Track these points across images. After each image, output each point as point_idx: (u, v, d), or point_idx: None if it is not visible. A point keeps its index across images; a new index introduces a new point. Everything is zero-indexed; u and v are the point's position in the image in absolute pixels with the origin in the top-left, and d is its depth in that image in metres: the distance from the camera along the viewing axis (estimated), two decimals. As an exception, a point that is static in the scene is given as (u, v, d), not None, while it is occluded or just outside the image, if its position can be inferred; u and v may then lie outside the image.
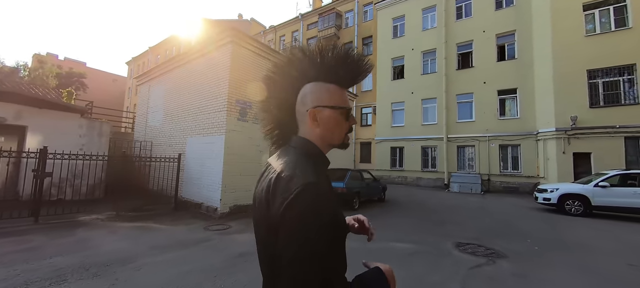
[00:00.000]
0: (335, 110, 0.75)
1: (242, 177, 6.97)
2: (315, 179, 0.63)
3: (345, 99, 0.78)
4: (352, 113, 0.80)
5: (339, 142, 0.79)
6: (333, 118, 0.75)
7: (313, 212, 0.59)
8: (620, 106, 11.51)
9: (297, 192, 0.59)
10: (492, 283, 3.32)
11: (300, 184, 0.60)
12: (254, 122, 7.36)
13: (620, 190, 7.60)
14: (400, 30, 19.51)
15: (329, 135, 0.76)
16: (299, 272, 0.56)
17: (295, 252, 0.57)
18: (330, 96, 0.76)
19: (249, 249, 4.30)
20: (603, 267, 3.95)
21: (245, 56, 7.07)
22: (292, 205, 0.59)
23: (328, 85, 0.77)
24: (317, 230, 0.58)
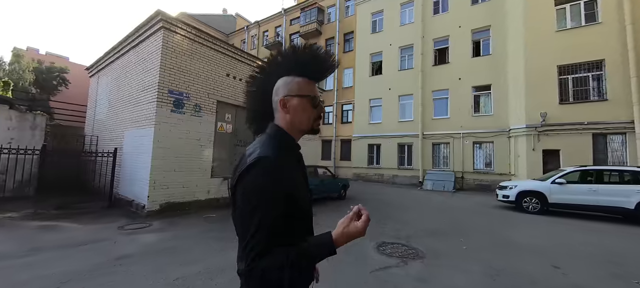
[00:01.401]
0: (302, 99, 0.87)
1: (177, 173, 6.55)
2: (272, 154, 0.77)
3: (313, 90, 0.90)
4: (320, 101, 0.92)
5: (308, 127, 0.90)
6: (301, 105, 0.87)
7: (262, 180, 0.73)
8: (589, 102, 11.33)
9: (251, 162, 0.75)
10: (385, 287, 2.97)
11: (255, 157, 0.76)
12: (193, 115, 6.92)
13: (576, 187, 7.36)
14: (379, 25, 19.16)
15: (297, 121, 0.88)
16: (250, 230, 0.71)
17: (248, 212, 0.73)
18: (299, 87, 0.88)
19: (139, 251, 3.89)
20: (522, 269, 3.64)
21: (180, 43, 6.62)
22: (245, 173, 0.75)
23: (298, 78, 0.90)
24: (263, 194, 0.72)
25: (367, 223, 0.80)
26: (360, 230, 0.79)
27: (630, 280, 3.34)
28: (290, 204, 0.76)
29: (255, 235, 0.70)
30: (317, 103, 0.90)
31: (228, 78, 7.86)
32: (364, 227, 0.79)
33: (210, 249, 4.03)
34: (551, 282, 3.28)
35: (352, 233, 0.79)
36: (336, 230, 0.80)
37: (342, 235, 0.78)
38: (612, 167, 7.52)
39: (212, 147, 7.36)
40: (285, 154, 0.82)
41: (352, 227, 0.79)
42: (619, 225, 6.61)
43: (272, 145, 0.81)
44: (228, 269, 3.32)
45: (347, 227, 0.79)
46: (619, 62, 10.80)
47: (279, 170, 0.75)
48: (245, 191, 0.73)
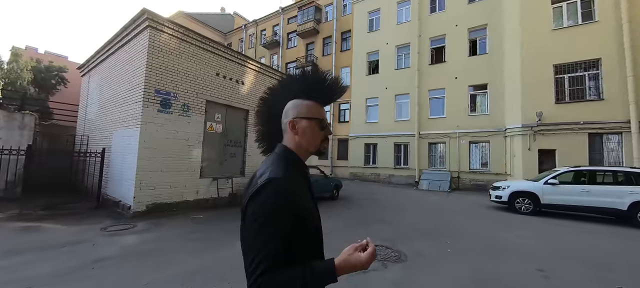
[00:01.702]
0: (311, 121, 0.91)
1: (164, 174, 6.49)
2: (282, 176, 0.79)
3: (321, 113, 0.95)
4: (327, 124, 0.95)
5: (315, 148, 0.93)
6: (309, 127, 0.90)
7: (272, 201, 0.74)
8: (585, 102, 11.22)
9: (262, 185, 0.77)
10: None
11: (266, 179, 0.78)
12: (181, 114, 6.86)
13: (569, 188, 7.28)
14: (376, 24, 19.05)
15: (305, 142, 0.91)
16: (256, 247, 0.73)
17: (254, 230, 0.74)
18: (308, 109, 0.92)
19: (117, 253, 3.83)
20: (504, 272, 3.57)
21: (167, 42, 6.55)
22: (256, 194, 0.77)
23: (307, 101, 0.93)
24: (272, 215, 0.73)
25: (372, 257, 0.78)
26: (363, 263, 0.77)
27: (613, 285, 3.26)
28: (298, 225, 0.77)
29: (261, 252, 0.71)
30: (325, 125, 0.94)
31: (218, 77, 7.79)
32: (367, 261, 0.77)
33: (189, 252, 3.98)
34: (531, 285, 3.21)
35: (354, 264, 0.77)
36: (339, 257, 0.79)
37: (345, 263, 0.77)
38: (605, 168, 7.43)
39: (201, 147, 7.30)
40: (293, 174, 0.84)
41: (355, 258, 0.78)
42: (612, 226, 6.53)
43: (282, 166, 0.83)
44: (202, 273, 3.26)
45: (350, 255, 0.78)
46: (616, 61, 10.68)
47: (288, 192, 0.77)
48: (254, 211, 0.75)
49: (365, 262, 0.77)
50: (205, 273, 3.23)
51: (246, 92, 8.70)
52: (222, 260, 3.69)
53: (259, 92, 9.15)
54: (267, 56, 27.97)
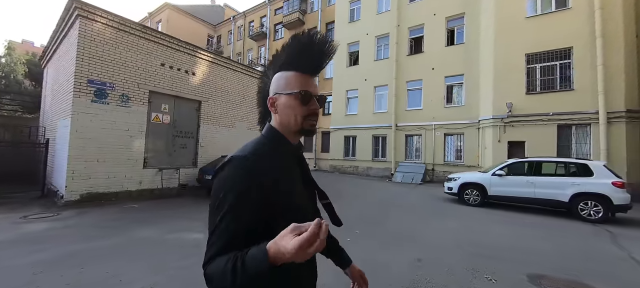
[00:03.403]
0: (290, 96, 0.78)
1: (100, 164, 6.53)
2: (248, 153, 0.71)
3: (303, 84, 0.79)
4: (312, 96, 0.80)
5: (297, 127, 0.79)
6: (288, 103, 0.78)
7: (231, 179, 0.67)
8: (555, 92, 10.92)
9: (223, 163, 0.70)
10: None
11: (229, 157, 0.70)
12: (120, 105, 6.86)
13: (514, 180, 7.14)
14: (357, 14, 18.70)
15: (285, 121, 0.79)
16: (210, 229, 0.66)
17: (210, 211, 0.68)
18: (286, 82, 0.79)
19: (9, 239, 3.88)
20: (385, 261, 3.52)
21: (101, 31, 6.51)
22: (216, 173, 0.70)
23: (287, 73, 0.80)
24: (229, 194, 0.65)
25: (303, 245, 0.53)
26: (288, 251, 0.53)
27: (482, 274, 3.19)
28: (267, 211, 0.67)
29: (211, 238, 0.64)
30: (309, 99, 0.78)
31: (163, 68, 7.74)
32: (294, 249, 0.53)
33: (80, 238, 4.01)
34: (398, 273, 3.15)
35: (281, 250, 0.54)
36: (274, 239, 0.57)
37: (274, 248, 0.56)
38: (551, 159, 7.25)
39: (144, 137, 7.31)
40: (269, 154, 0.74)
41: (283, 243, 0.55)
42: (553, 218, 6.39)
43: (253, 144, 0.75)
44: (74, 258, 3.28)
45: (281, 239, 0.56)
46: (587, 49, 10.33)
47: (253, 170, 0.67)
48: (213, 190, 0.68)
49: (290, 249, 0.53)
50: (67, 261, 3.25)
51: (198, 82, 8.65)
52: (97, 248, 3.71)
53: (212, 83, 9.11)
54: (255, 48, 27.80)
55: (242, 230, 0.64)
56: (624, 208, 5.99)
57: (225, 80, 9.50)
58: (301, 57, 0.79)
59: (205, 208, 6.25)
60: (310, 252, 0.53)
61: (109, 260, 3.31)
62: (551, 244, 4.51)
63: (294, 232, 0.55)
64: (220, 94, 9.34)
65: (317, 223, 0.54)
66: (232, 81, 9.74)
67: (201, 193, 8.14)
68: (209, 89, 8.98)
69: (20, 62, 33.10)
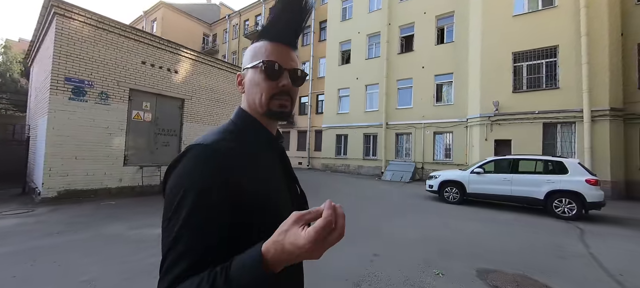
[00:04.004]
0: (254, 70, 0.64)
1: (78, 161, 6.57)
2: (210, 140, 0.55)
3: (270, 54, 0.63)
4: (281, 69, 0.62)
5: (262, 108, 0.63)
6: (252, 79, 0.64)
7: (185, 175, 0.51)
8: (541, 91, 10.94)
9: (179, 155, 0.55)
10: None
11: (188, 145, 0.56)
12: (99, 102, 6.89)
13: (492, 177, 7.17)
14: (349, 12, 18.70)
15: (251, 100, 0.65)
16: (165, 235, 0.50)
17: (164, 214, 0.52)
18: (253, 54, 0.65)
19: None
20: (340, 257, 3.55)
21: (78, 29, 6.54)
22: (172, 168, 0.55)
23: (256, 43, 0.67)
24: (185, 194, 0.50)
25: (323, 234, 0.41)
26: (302, 246, 0.41)
27: (432, 269, 3.23)
28: (235, 213, 0.52)
29: (168, 254, 0.48)
30: (276, 72, 0.62)
31: (144, 66, 7.77)
32: (310, 241, 0.41)
33: (45, 234, 4.05)
34: (346, 266, 3.19)
35: (288, 249, 0.42)
36: (270, 238, 0.45)
37: (275, 248, 0.43)
38: (527, 156, 7.27)
39: (124, 135, 7.34)
40: (238, 142, 0.59)
41: (290, 239, 0.42)
42: (528, 215, 6.43)
43: (219, 131, 0.61)
44: (32, 252, 3.33)
45: (286, 233, 0.43)
46: (572, 48, 10.34)
47: (217, 162, 0.52)
48: (167, 191, 0.53)
49: (303, 244, 0.41)
50: (24, 255, 3.29)
51: (181, 80, 8.68)
52: (59, 243, 3.76)
53: (196, 81, 9.14)
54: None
55: (213, 238, 0.49)
56: (598, 206, 6.02)
57: (209, 78, 9.53)
58: (271, 23, 0.65)
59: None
60: (330, 243, 0.42)
61: (63, 253, 3.35)
62: (517, 241, 4.54)
63: (298, 222, 0.43)
64: (204, 92, 9.37)
65: (329, 206, 0.43)
66: (217, 79, 9.77)
67: (183, 190, 8.18)
68: (192, 87, 9.00)
69: (16, 61, 33.15)
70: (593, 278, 3.14)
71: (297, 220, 0.43)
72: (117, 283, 2.71)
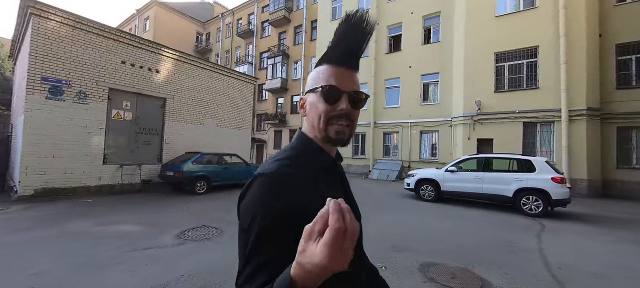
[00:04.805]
0: (314, 93, 0.66)
1: (56, 160, 6.66)
2: (274, 170, 0.59)
3: (331, 77, 0.65)
4: (339, 93, 0.64)
5: (320, 132, 0.66)
6: (312, 102, 0.66)
7: (256, 199, 0.57)
8: (522, 90, 11.11)
9: (249, 182, 0.61)
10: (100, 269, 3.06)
11: (256, 173, 0.61)
12: (77, 102, 6.98)
13: (465, 175, 7.33)
14: (338, 11, 18.80)
15: (310, 124, 0.68)
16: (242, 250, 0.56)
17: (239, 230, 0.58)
18: (315, 78, 0.67)
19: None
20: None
21: (55, 29, 6.61)
22: (243, 194, 0.61)
23: (318, 67, 0.69)
24: (252, 219, 0.55)
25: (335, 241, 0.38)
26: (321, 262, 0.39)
27: (377, 262, 3.37)
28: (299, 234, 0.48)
29: (243, 269, 0.55)
30: (334, 95, 0.64)
31: (124, 65, 7.85)
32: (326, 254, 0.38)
33: (11, 231, 4.16)
34: None
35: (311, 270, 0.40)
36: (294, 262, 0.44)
37: (301, 271, 0.42)
38: (500, 155, 7.42)
39: (103, 134, 7.43)
40: (298, 166, 0.62)
41: (308, 259, 0.40)
42: (497, 212, 6.59)
43: (282, 157, 0.64)
44: (-10, 249, 3.43)
45: (301, 257, 0.42)
46: (551, 48, 10.51)
47: (280, 190, 0.57)
48: (241, 213, 0.60)
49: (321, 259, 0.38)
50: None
51: (162, 80, 8.77)
52: (21, 239, 3.86)
53: (178, 80, 9.22)
54: (243, 46, 27.84)
55: (278, 258, 0.52)
56: (563, 203, 6.18)
57: (192, 77, 9.62)
58: (332, 47, 0.67)
59: (161, 204, 6.43)
60: (347, 247, 0.39)
61: (24, 249, 3.46)
62: (477, 237, 4.69)
63: (310, 238, 0.40)
64: (187, 91, 9.46)
65: (334, 208, 0.40)
66: (200, 78, 9.86)
67: (165, 189, 8.29)
68: (174, 87, 9.09)
69: (7, 58, 32.94)
70: (531, 272, 3.29)
71: (308, 236, 0.41)
72: (65, 275, 2.83)
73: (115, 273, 2.93)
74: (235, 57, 28.18)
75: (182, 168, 7.39)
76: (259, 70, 25.67)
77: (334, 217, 0.39)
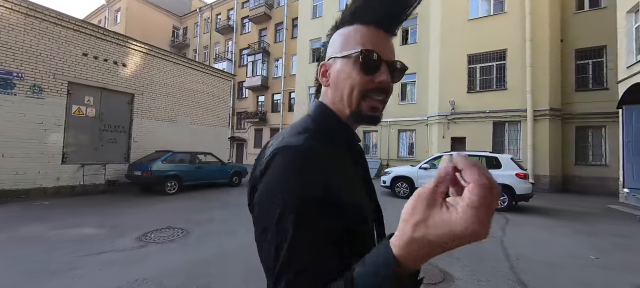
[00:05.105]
0: (346, 60, 0.52)
1: (6, 159, 6.10)
2: (298, 142, 0.47)
3: (368, 41, 0.51)
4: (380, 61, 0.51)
5: (350, 107, 0.53)
6: (342, 71, 0.53)
7: (282, 178, 0.44)
8: (492, 91, 11.65)
9: (268, 159, 0.47)
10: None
11: (273, 150, 0.47)
12: (31, 96, 6.42)
13: (434, 172, 7.54)
14: (319, 10, 18.78)
15: (337, 97, 0.54)
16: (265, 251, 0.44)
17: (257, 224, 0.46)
18: (347, 40, 0.53)
19: None
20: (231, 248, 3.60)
21: (4, 16, 6.04)
22: (256, 177, 0.49)
23: (347, 27, 0.55)
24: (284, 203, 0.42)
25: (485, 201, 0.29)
26: (467, 231, 0.29)
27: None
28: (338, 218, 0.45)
29: (280, 275, 0.41)
30: (374, 63, 0.52)
31: (86, 58, 7.34)
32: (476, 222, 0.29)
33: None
34: None
35: (438, 241, 0.31)
36: (397, 234, 0.35)
37: (416, 246, 0.32)
38: (469, 153, 7.73)
39: (62, 131, 6.91)
40: (323, 142, 0.51)
41: (439, 229, 0.31)
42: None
43: (300, 129, 0.52)
44: None
45: (422, 229, 0.32)
46: (519, 51, 11.08)
47: (312, 166, 0.46)
48: (259, 203, 0.47)
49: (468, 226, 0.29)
50: None
51: (130, 74, 8.30)
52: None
53: (148, 75, 8.77)
54: (222, 42, 27.09)
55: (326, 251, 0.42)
56: (526, 197, 6.54)
57: (164, 73, 9.19)
58: (367, 3, 0.54)
59: (126, 205, 6.08)
60: (493, 209, 0.30)
61: (-42, 258, 3.11)
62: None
63: (434, 203, 0.32)
64: (158, 87, 9.02)
65: (464, 160, 0.32)
66: (172, 74, 9.43)
67: (133, 190, 7.84)
68: (144, 82, 8.63)
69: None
70: (491, 264, 3.42)
71: (431, 201, 0.32)
72: (15, 283, 2.58)
73: (64, 279, 2.70)
74: (214, 53, 27.36)
75: (150, 168, 7.03)
76: (239, 67, 25.10)
77: (474, 171, 0.30)
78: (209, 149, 9.79)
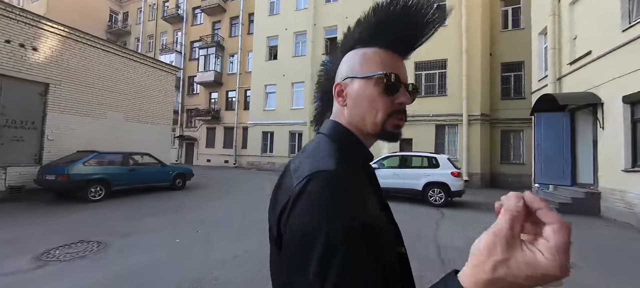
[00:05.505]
0: (367, 81, 0.53)
1: None
2: (332, 167, 0.45)
3: (388, 64, 0.53)
4: (402, 84, 0.53)
5: (375, 128, 0.53)
6: (364, 91, 0.53)
7: (319, 211, 0.41)
8: (435, 97, 12.72)
9: (301, 188, 0.43)
10: None
11: (306, 176, 0.44)
12: None
13: (384, 172, 7.92)
14: (276, 7, 18.41)
15: (357, 117, 0.54)
16: None
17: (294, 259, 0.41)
18: (365, 62, 0.54)
19: None
20: (200, 248, 3.29)
21: None
22: (293, 206, 0.42)
23: (366, 49, 0.55)
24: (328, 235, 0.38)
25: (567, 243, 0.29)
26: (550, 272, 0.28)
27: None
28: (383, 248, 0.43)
29: None
30: (396, 86, 0.51)
31: (-21, 37, 5.97)
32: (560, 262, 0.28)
33: None
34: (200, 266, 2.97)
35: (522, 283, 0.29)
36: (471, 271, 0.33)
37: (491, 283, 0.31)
38: (414, 153, 8.33)
39: (45, 139, 5.51)
40: (346, 162, 0.48)
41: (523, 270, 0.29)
42: (411, 204, 7.30)
43: (328, 151, 0.48)
44: None
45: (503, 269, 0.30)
46: (457, 62, 12.29)
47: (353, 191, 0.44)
48: (294, 230, 0.41)
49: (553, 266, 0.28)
50: None
51: (44, 60, 7.01)
52: None
53: (68, 63, 7.53)
54: (170, 32, 24.84)
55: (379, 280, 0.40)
56: (459, 194, 7.22)
57: (89, 60, 7.98)
58: (388, 27, 0.53)
59: (32, 216, 5.11)
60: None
61: None
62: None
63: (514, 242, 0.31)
64: (81, 76, 7.79)
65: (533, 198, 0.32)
66: (100, 63, 8.25)
67: (45, 197, 6.62)
68: (62, 70, 7.38)
69: None
70: (424, 255, 3.64)
71: (511, 240, 0.31)
72: None
73: None
74: (161, 43, 24.98)
75: (67, 171, 6.01)
76: (190, 60, 23.34)
77: (552, 213, 0.30)
78: (149, 149, 8.78)
